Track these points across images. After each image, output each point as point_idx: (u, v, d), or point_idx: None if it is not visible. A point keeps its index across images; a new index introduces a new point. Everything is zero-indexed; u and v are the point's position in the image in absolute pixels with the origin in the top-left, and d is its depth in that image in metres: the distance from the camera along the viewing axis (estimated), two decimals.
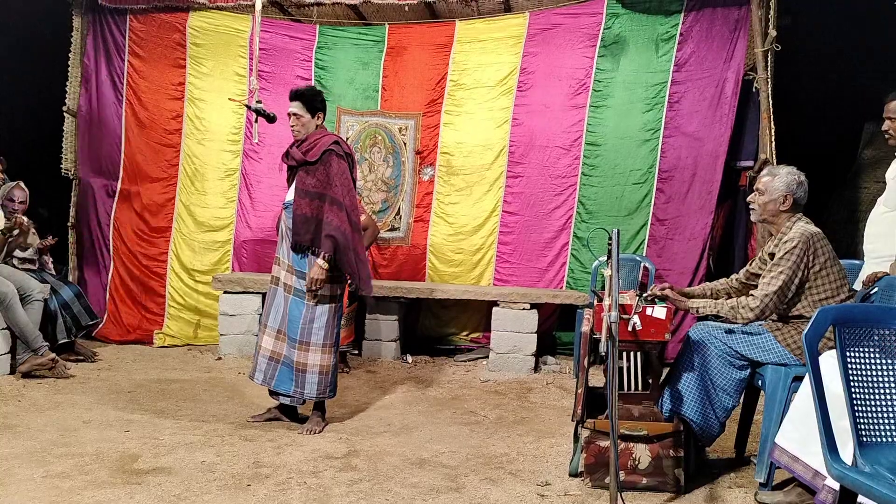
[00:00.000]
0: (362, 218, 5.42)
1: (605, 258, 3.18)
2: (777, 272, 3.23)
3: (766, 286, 3.24)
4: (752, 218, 3.56)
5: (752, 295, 3.28)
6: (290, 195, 4.02)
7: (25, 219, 5.25)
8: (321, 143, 3.95)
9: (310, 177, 3.93)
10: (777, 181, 3.38)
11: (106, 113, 6.62)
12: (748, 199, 3.55)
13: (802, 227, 3.31)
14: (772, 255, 3.35)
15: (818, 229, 3.32)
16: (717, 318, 3.37)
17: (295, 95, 4.00)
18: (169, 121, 6.58)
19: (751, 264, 3.63)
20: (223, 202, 6.56)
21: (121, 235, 6.57)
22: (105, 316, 6.49)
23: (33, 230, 5.49)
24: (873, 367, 2.21)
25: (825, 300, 3.23)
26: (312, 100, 3.99)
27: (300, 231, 3.91)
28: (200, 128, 6.57)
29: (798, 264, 3.21)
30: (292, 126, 4.01)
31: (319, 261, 3.86)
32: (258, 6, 4.70)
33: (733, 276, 3.72)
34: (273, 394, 4.09)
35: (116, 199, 6.59)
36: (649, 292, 3.44)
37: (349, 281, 4.06)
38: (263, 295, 5.70)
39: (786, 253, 3.23)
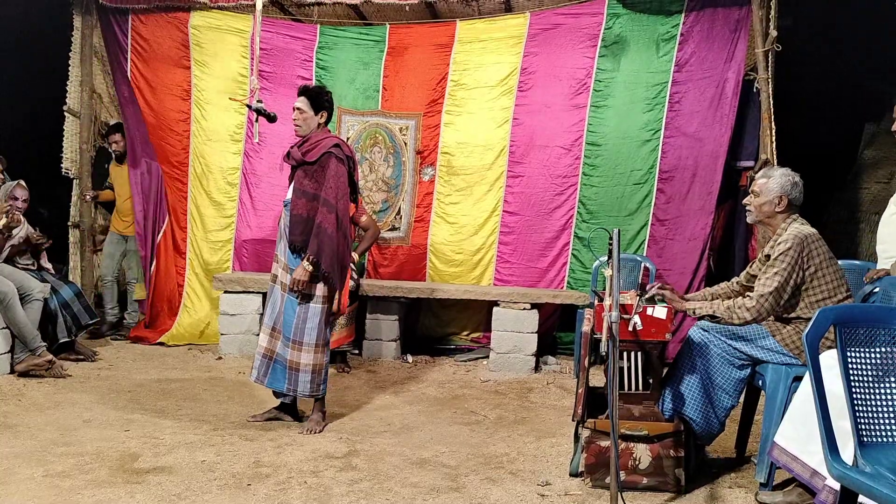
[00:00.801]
0: (363, 219, 5.43)
1: (606, 258, 3.18)
2: (772, 273, 3.24)
3: (762, 287, 3.25)
4: (748, 219, 3.56)
5: (748, 296, 3.29)
6: (289, 194, 4.03)
7: (15, 213, 5.21)
8: (322, 144, 3.95)
9: (307, 177, 3.94)
10: (771, 182, 3.39)
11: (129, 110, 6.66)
12: (744, 201, 3.55)
13: (797, 228, 3.31)
14: (768, 257, 3.35)
15: (814, 230, 3.32)
16: (713, 318, 3.37)
17: (302, 91, 4.04)
18: (177, 122, 6.59)
19: (751, 266, 3.63)
20: (225, 201, 6.58)
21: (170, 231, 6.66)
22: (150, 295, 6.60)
23: (31, 229, 5.48)
24: (874, 367, 2.21)
25: (822, 301, 3.23)
26: (318, 97, 4.00)
27: (295, 231, 3.92)
28: (205, 128, 6.57)
29: (793, 265, 3.21)
30: (294, 119, 4.02)
31: (304, 262, 3.86)
32: (259, 6, 4.70)
33: (734, 280, 3.72)
34: (276, 393, 4.10)
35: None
36: (648, 290, 3.44)
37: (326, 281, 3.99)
38: (264, 294, 5.72)
39: (780, 254, 3.24)
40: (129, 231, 6.61)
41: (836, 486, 2.25)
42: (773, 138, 5.50)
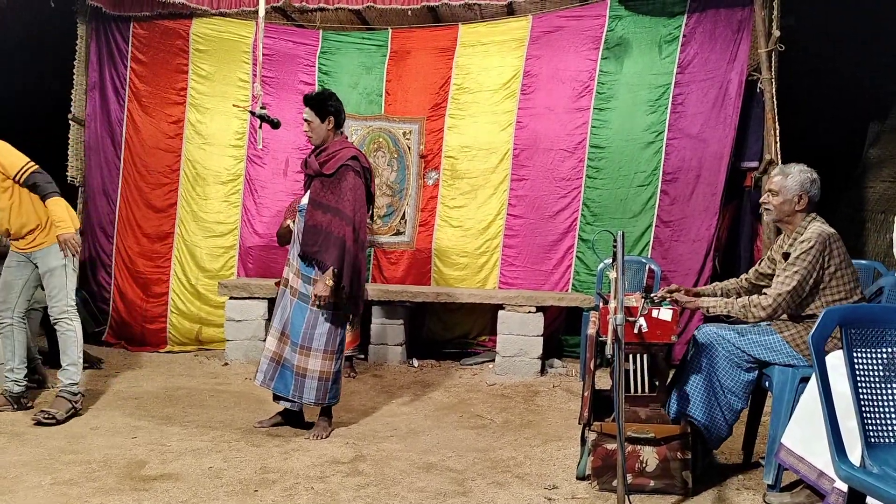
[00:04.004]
0: None
1: (611, 260, 3.18)
2: (792, 272, 3.20)
3: (780, 285, 3.22)
4: (767, 219, 3.53)
5: (764, 294, 3.26)
6: (303, 200, 4.02)
7: None
8: (339, 156, 3.92)
9: (324, 189, 3.92)
10: (790, 181, 3.35)
11: (107, 119, 6.65)
12: (761, 199, 3.51)
13: (819, 227, 3.28)
14: (786, 256, 3.32)
15: (833, 230, 3.29)
16: (727, 317, 3.35)
17: (305, 101, 4.01)
18: (169, 126, 6.59)
19: (759, 264, 3.61)
20: (224, 207, 6.56)
21: (122, 242, 6.57)
22: (107, 328, 6.51)
23: None
24: (881, 367, 2.21)
25: (839, 301, 3.20)
26: (321, 104, 3.96)
27: (308, 241, 3.91)
28: (203, 133, 6.56)
29: (814, 265, 3.18)
30: (305, 130, 4.04)
31: (326, 277, 3.85)
32: (261, 12, 4.71)
33: (742, 276, 3.70)
34: (276, 398, 4.09)
35: (118, 205, 6.60)
36: (657, 294, 3.43)
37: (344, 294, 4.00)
38: (269, 300, 5.73)
39: (802, 253, 3.20)
40: (39, 244, 4.25)
41: (845, 487, 2.24)
42: (777, 138, 5.49)
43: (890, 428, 2.17)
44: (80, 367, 4.29)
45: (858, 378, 2.17)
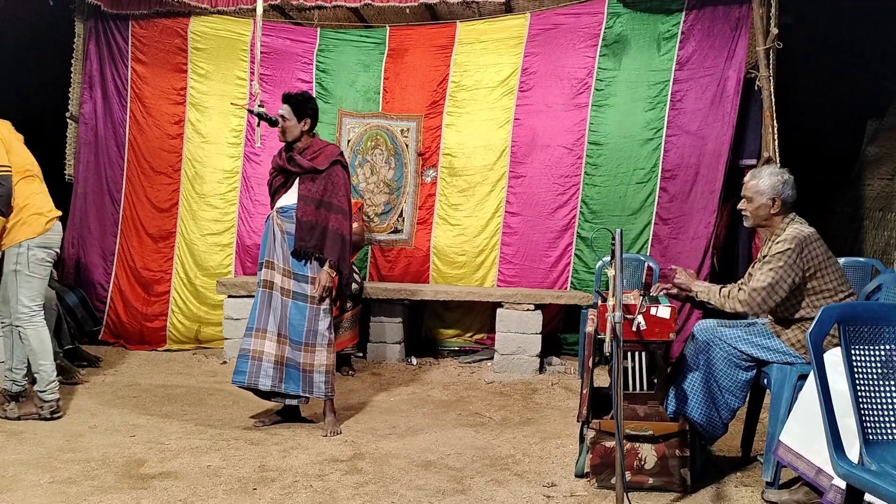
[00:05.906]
0: (355, 226, 5.51)
1: (609, 258, 3.18)
2: (766, 269, 3.22)
3: (755, 282, 3.25)
4: (746, 224, 3.52)
5: (741, 288, 3.29)
6: (285, 200, 4.03)
7: None
8: (327, 152, 4.03)
9: (315, 184, 3.99)
10: (761, 184, 3.35)
11: (110, 119, 6.64)
12: (739, 206, 3.51)
13: (797, 228, 3.28)
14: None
15: (812, 229, 3.29)
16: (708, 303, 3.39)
17: (285, 98, 4.07)
18: (171, 125, 6.58)
19: (752, 267, 3.62)
20: (223, 205, 6.55)
21: (126, 242, 6.56)
22: (103, 327, 6.48)
23: None
24: (879, 364, 2.21)
25: (826, 300, 3.21)
26: (301, 105, 4.03)
27: (305, 237, 3.95)
28: (201, 131, 6.56)
29: (790, 265, 3.18)
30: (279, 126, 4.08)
31: (327, 268, 3.95)
32: (259, 10, 4.71)
33: (740, 282, 3.70)
34: (276, 395, 4.10)
35: (122, 206, 6.59)
36: (654, 291, 3.43)
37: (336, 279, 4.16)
38: None
39: (777, 253, 3.22)
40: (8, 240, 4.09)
41: (843, 484, 2.24)
42: (776, 136, 5.49)
43: (887, 425, 2.18)
44: (44, 376, 4.08)
45: (856, 375, 2.18)
